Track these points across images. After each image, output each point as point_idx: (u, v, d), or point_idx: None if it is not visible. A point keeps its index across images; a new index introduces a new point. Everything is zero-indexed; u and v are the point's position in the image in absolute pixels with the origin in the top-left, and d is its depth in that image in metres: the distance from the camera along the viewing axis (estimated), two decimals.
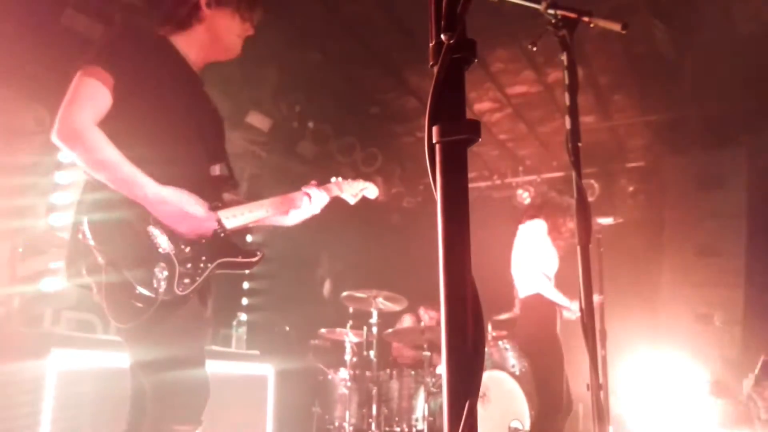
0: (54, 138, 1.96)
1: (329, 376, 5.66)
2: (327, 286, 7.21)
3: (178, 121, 2.16)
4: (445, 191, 0.88)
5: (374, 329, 5.45)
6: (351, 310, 5.78)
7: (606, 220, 4.32)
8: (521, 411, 5.09)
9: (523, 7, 2.08)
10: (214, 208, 2.18)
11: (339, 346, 5.83)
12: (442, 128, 0.91)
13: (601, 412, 1.85)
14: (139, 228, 1.97)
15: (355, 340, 5.62)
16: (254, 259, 2.25)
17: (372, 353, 5.47)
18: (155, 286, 1.91)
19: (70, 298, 3.94)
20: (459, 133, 0.90)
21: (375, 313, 5.45)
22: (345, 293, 5.51)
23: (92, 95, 1.99)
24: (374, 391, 5.32)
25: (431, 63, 0.94)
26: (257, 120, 5.77)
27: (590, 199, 7.05)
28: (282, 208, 2.41)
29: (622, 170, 7.35)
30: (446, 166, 0.90)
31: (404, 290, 5.64)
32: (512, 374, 5.34)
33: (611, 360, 3.87)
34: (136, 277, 1.89)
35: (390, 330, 5.85)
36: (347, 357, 5.53)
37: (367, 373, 5.54)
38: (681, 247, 6.24)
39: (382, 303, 5.46)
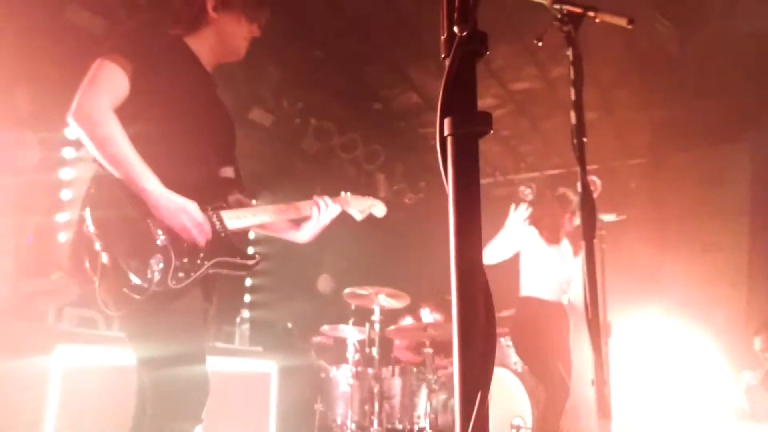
0: (70, 119, 1.98)
1: (331, 374, 5.65)
2: (323, 282, 7.18)
3: (191, 120, 2.18)
4: (457, 184, 0.88)
5: (376, 326, 5.43)
6: (353, 306, 5.77)
7: (609, 217, 4.30)
8: (523, 408, 5.09)
9: (528, 2, 2.08)
10: (218, 208, 2.19)
11: (341, 343, 5.82)
12: (454, 120, 0.91)
13: (604, 409, 1.85)
14: (140, 220, 1.98)
15: (358, 337, 5.61)
16: (251, 262, 2.27)
17: (374, 350, 5.46)
18: (149, 276, 1.92)
19: (72, 295, 3.95)
20: (471, 125, 0.89)
21: (377, 310, 5.44)
22: (347, 290, 5.50)
23: (111, 79, 2.02)
24: (376, 388, 5.31)
25: (443, 55, 0.93)
26: (259, 116, 5.77)
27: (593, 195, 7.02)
28: (286, 215, 2.44)
29: (624, 167, 7.32)
30: (458, 158, 0.89)
31: (406, 287, 5.62)
32: (514, 371, 5.34)
33: (614, 357, 3.86)
34: (131, 266, 1.90)
35: (392, 327, 5.84)
36: (349, 354, 5.53)
37: (369, 371, 5.53)
38: (684, 243, 6.24)
39: (384, 300, 5.45)
